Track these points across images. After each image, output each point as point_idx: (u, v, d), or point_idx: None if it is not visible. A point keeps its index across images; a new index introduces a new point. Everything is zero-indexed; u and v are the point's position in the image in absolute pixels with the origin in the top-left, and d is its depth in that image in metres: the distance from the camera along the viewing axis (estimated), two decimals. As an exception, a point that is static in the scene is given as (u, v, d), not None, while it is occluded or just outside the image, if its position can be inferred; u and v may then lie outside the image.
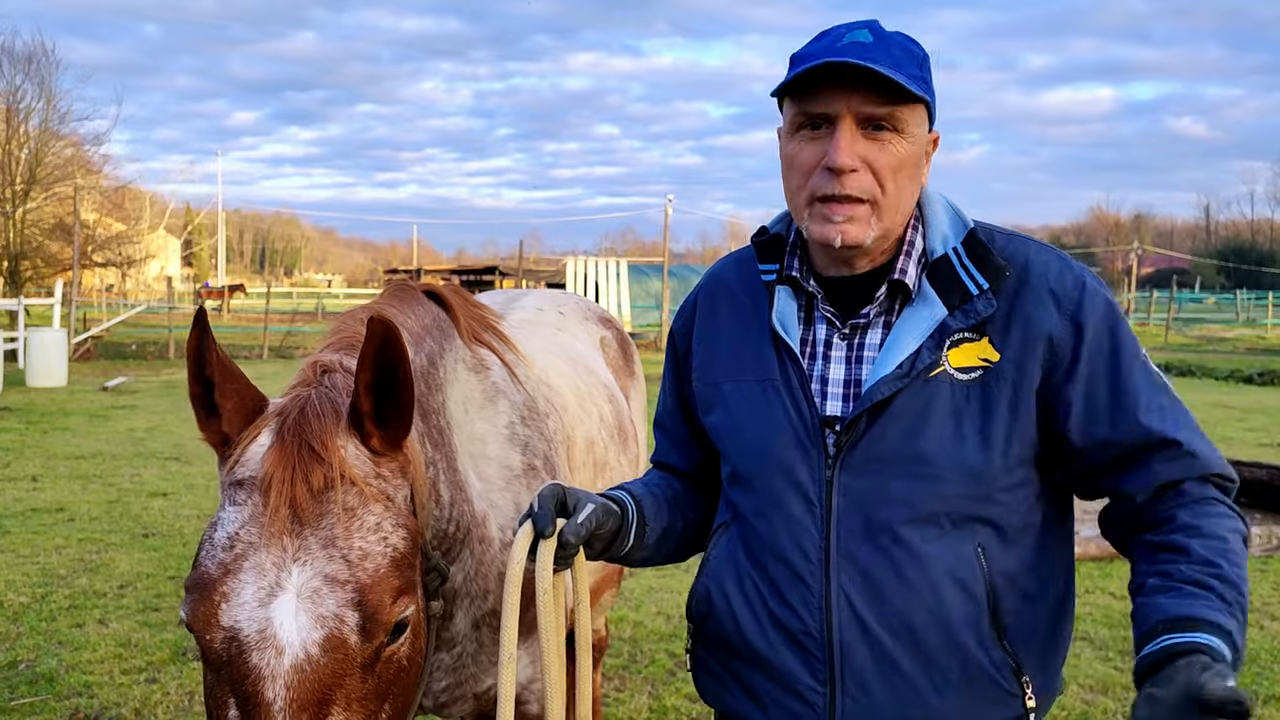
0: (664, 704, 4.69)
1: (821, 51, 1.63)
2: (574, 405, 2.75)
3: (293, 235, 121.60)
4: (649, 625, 5.74)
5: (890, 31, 1.68)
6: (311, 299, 58.16)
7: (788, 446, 1.71)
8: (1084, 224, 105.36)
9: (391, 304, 2.14)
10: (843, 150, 1.61)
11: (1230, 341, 32.79)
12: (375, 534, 1.54)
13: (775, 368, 1.75)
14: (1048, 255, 1.74)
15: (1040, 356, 1.65)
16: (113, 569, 6.65)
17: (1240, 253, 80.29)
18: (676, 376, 1.99)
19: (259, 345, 25.93)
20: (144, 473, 9.91)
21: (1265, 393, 18.63)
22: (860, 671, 1.66)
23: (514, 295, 3.54)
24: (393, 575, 1.53)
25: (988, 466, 1.63)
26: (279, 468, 1.51)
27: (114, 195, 38.31)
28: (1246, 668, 5.14)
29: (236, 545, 1.49)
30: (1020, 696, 1.67)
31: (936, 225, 1.75)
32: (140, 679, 4.87)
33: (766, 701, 1.75)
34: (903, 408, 1.64)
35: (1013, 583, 1.67)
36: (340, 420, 1.60)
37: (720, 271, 1.96)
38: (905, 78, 1.59)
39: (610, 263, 36.80)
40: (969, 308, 1.66)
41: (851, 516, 1.66)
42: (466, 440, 2.19)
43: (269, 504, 1.49)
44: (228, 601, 1.46)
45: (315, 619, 1.45)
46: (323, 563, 1.48)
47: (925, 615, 1.64)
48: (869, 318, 1.73)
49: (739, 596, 1.77)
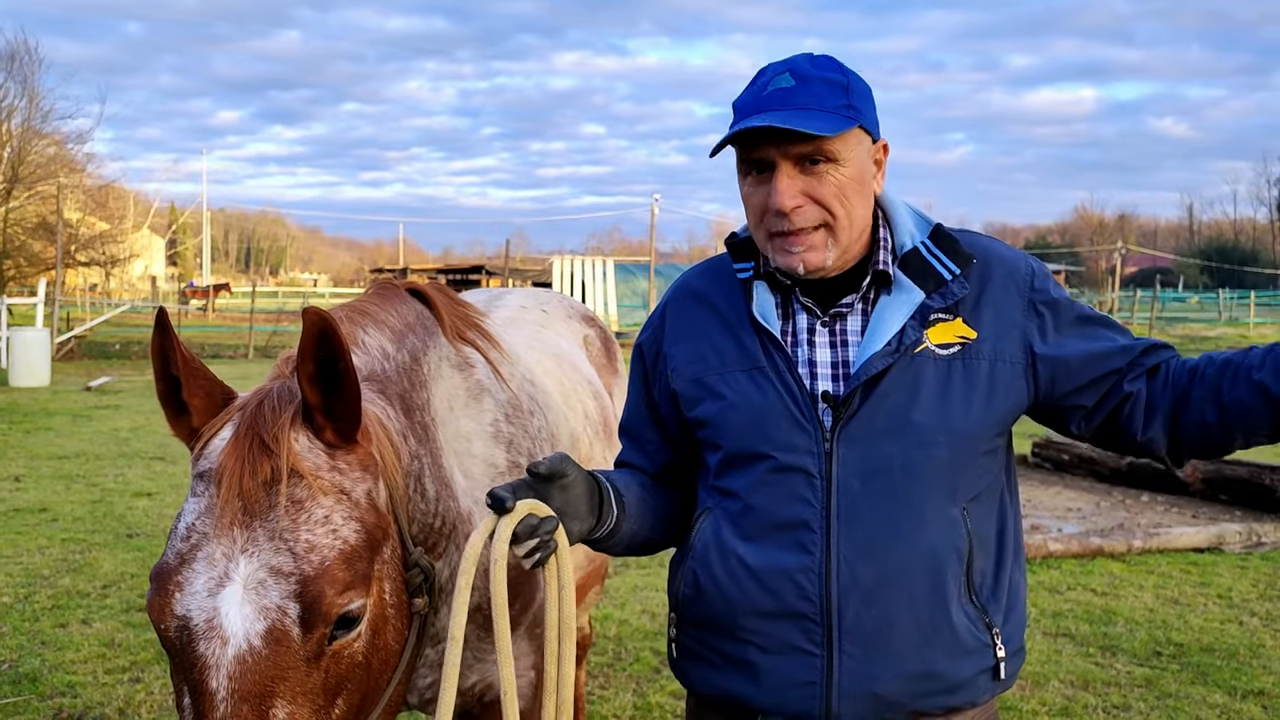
0: (648, 701, 4.71)
1: (752, 102, 1.78)
2: (558, 402, 2.77)
3: (278, 234, 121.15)
4: (634, 623, 5.76)
5: (811, 70, 1.79)
6: (297, 298, 57.99)
7: (783, 424, 1.80)
8: (1069, 224, 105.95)
9: (374, 302, 2.15)
10: (782, 193, 1.76)
11: (1213, 341, 33.00)
12: (324, 526, 1.55)
13: (760, 356, 1.85)
14: (999, 246, 1.94)
15: (1017, 338, 1.83)
16: (96, 569, 6.63)
17: (1223, 252, 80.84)
18: (645, 385, 2.05)
19: (244, 345, 25.84)
20: (128, 472, 9.88)
21: (1247, 391, 18.78)
22: (857, 631, 1.76)
23: (497, 294, 3.56)
24: (340, 568, 1.54)
25: (972, 432, 1.79)
26: (232, 459, 1.53)
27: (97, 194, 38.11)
28: (1227, 662, 5.20)
29: (192, 536, 1.51)
30: (992, 647, 1.82)
31: (902, 223, 1.90)
32: (124, 679, 4.87)
33: (761, 672, 1.81)
34: (893, 382, 1.78)
35: (982, 541, 1.83)
36: (295, 413, 1.61)
37: (687, 282, 2.05)
38: (825, 118, 1.73)
39: (597, 262, 36.81)
40: (945, 290, 1.82)
41: (851, 484, 1.77)
42: (451, 438, 2.20)
43: (221, 495, 1.51)
44: (181, 591, 1.48)
45: (259, 610, 1.47)
46: (269, 554, 1.49)
47: (920, 574, 1.77)
48: (851, 306, 1.86)
49: (725, 574, 1.83)
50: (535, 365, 2.77)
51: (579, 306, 3.76)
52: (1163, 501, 9.09)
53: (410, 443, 1.91)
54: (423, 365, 2.13)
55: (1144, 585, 6.56)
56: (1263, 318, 44.62)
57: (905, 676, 1.77)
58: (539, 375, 2.73)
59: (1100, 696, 4.79)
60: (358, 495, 1.64)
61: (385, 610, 1.68)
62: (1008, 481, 1.91)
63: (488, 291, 3.58)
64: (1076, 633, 5.66)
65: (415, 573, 1.82)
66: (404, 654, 1.78)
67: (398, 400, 1.95)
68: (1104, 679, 5.00)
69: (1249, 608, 6.14)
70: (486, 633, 2.29)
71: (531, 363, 2.75)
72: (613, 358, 3.67)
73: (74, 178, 33.79)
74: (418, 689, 2.26)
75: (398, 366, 2.03)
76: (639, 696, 4.78)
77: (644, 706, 4.66)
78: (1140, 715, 4.61)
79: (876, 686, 1.76)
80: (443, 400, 2.19)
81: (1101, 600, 6.23)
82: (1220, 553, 7.32)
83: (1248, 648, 5.44)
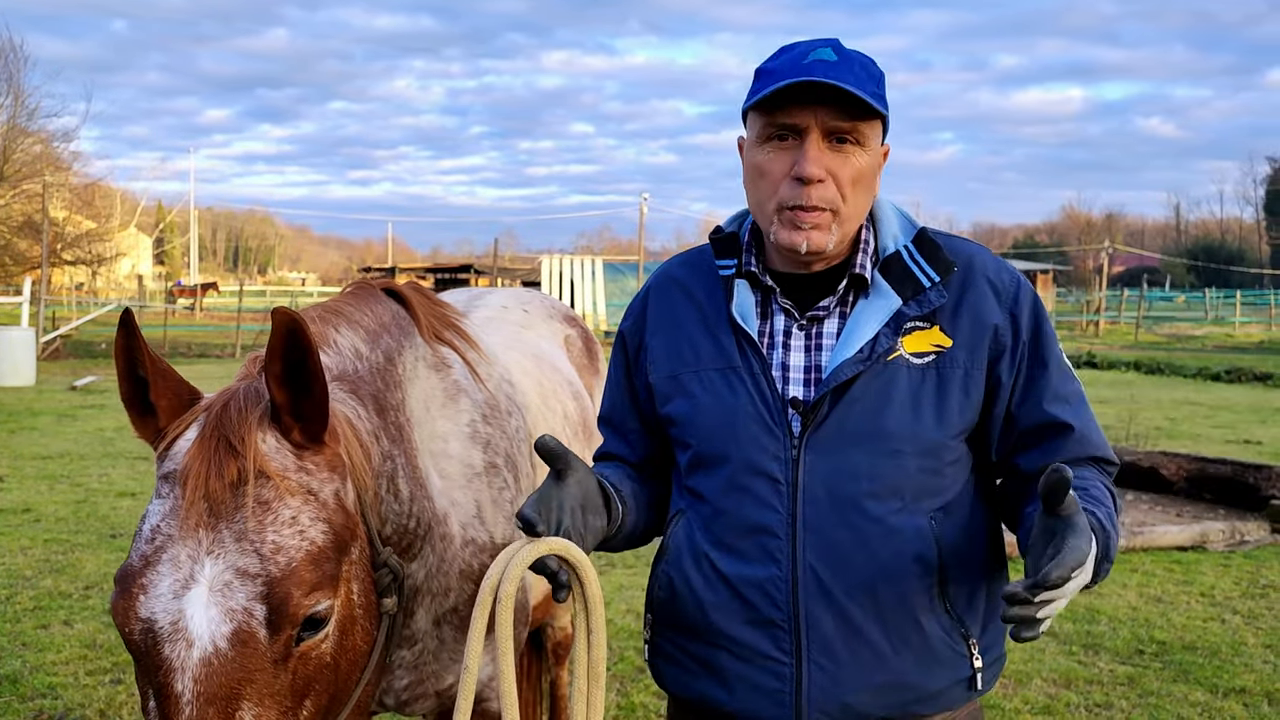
0: (631, 701, 4.71)
1: (788, 67, 1.74)
2: (536, 403, 2.76)
3: (266, 233, 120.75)
4: (618, 623, 5.76)
5: (850, 50, 1.78)
6: (285, 298, 57.80)
7: (752, 428, 1.79)
8: (1057, 223, 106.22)
9: (348, 302, 2.13)
10: (812, 160, 1.73)
11: (1199, 339, 33.19)
12: (291, 527, 1.54)
13: (736, 356, 1.83)
14: (986, 255, 1.90)
15: (987, 344, 1.81)
16: (79, 570, 6.60)
17: (1209, 252, 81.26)
18: (627, 374, 2.03)
19: (231, 344, 25.76)
20: (112, 473, 9.83)
21: (1232, 390, 18.87)
22: (826, 640, 1.75)
23: (478, 293, 3.55)
24: (307, 569, 1.53)
25: (941, 442, 1.78)
26: (197, 461, 1.52)
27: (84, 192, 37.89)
28: (1208, 660, 5.23)
29: (157, 538, 1.50)
30: (968, 658, 1.80)
31: (887, 226, 1.88)
32: (105, 680, 4.84)
33: (731, 678, 1.81)
34: (864, 389, 1.76)
35: (955, 551, 1.80)
36: (261, 414, 1.60)
37: (669, 271, 2.03)
38: (869, 95, 1.72)
39: (586, 261, 36.81)
40: (922, 298, 1.80)
41: (817, 492, 1.75)
42: (428, 438, 2.19)
43: (186, 497, 1.50)
44: (145, 593, 1.47)
45: (224, 612, 1.46)
46: (235, 555, 1.48)
47: (887, 583, 1.75)
48: (828, 309, 1.84)
49: (699, 578, 1.83)
50: (514, 365, 2.77)
51: (560, 306, 3.76)
52: (1147, 500, 9.13)
53: (382, 443, 1.91)
54: (398, 365, 2.12)
55: (1127, 584, 6.58)
56: (1248, 317, 44.85)
57: (875, 687, 1.75)
58: (517, 375, 2.72)
59: (1082, 695, 4.80)
60: (325, 496, 1.63)
61: (353, 611, 1.67)
62: (980, 485, 1.88)
63: (469, 291, 3.57)
64: (1059, 631, 5.68)
65: (384, 573, 1.82)
66: (373, 654, 1.77)
67: (370, 400, 1.94)
68: (1086, 677, 5.02)
69: (1231, 606, 6.17)
70: (463, 634, 2.28)
71: (510, 363, 2.74)
72: (594, 358, 3.67)
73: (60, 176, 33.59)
74: (394, 690, 2.25)
75: (371, 366, 2.01)
76: (622, 696, 4.78)
77: (627, 706, 4.66)
78: (1122, 713, 4.63)
79: (846, 696, 1.75)
80: (419, 401, 2.18)
81: (1085, 598, 6.25)
82: (1204, 551, 7.35)
83: (1229, 646, 5.47)
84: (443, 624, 2.23)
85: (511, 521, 2.37)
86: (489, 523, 2.31)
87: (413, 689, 2.27)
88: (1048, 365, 1.83)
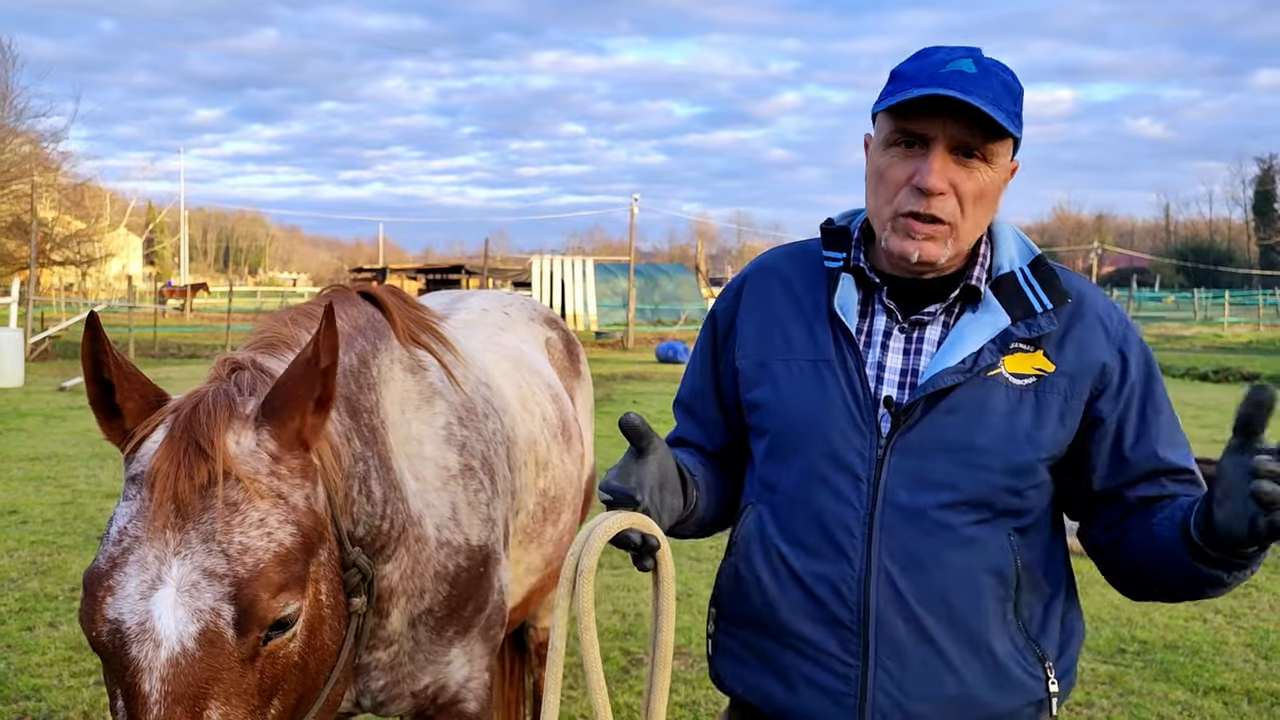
0: (616, 702, 4.72)
1: (925, 74, 1.72)
2: (515, 405, 2.77)
3: (257, 234, 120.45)
4: (604, 623, 5.77)
5: (990, 61, 1.75)
6: (276, 298, 57.69)
7: (840, 423, 1.77)
8: (1048, 224, 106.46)
9: (322, 305, 2.15)
10: (935, 173, 1.71)
11: (1188, 340, 33.32)
12: (259, 529, 1.55)
13: (831, 349, 1.82)
14: (1097, 292, 1.90)
15: (1092, 379, 1.79)
16: (65, 571, 6.59)
17: (1199, 252, 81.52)
18: (713, 356, 2.01)
19: (222, 345, 25.68)
20: (100, 474, 9.81)
21: (1220, 390, 18.97)
22: (895, 645, 1.72)
23: (460, 295, 3.56)
24: (275, 571, 1.54)
25: (1030, 464, 1.75)
26: (165, 462, 1.53)
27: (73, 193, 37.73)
28: (1190, 659, 5.26)
29: (124, 539, 1.51)
30: (1044, 681, 1.77)
31: (1005, 246, 1.87)
32: (90, 682, 4.84)
33: (794, 678, 1.78)
34: (961, 400, 1.74)
35: (1030, 571, 1.78)
36: (232, 416, 1.62)
37: (770, 260, 2.01)
38: (1004, 115, 1.69)
39: (576, 261, 36.81)
40: (1032, 321, 1.78)
41: (899, 495, 1.73)
42: (403, 440, 2.20)
43: (154, 498, 1.51)
44: (112, 595, 1.48)
45: (192, 612, 1.47)
46: (202, 556, 1.50)
47: (961, 594, 1.73)
48: (933, 315, 1.82)
49: (768, 572, 1.81)
50: (492, 368, 2.78)
51: (542, 309, 3.77)
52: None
53: (354, 445, 1.92)
54: (371, 368, 2.13)
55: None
56: (1237, 317, 45.06)
57: (942, 700, 1.72)
58: (496, 378, 2.73)
59: (1085, 692, 4.82)
60: (295, 499, 1.64)
61: (321, 611, 1.68)
62: (1055, 509, 1.87)
63: (451, 294, 3.58)
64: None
65: (353, 573, 1.83)
66: (341, 654, 1.79)
67: (343, 403, 1.96)
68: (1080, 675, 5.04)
69: (1212, 605, 6.20)
70: (438, 635, 2.30)
71: (488, 365, 2.75)
72: (575, 360, 3.68)
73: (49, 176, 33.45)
74: (370, 691, 2.27)
75: (344, 369, 2.03)
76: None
77: (612, 707, 4.67)
78: (1103, 712, 4.66)
79: (911, 705, 1.72)
80: (394, 403, 2.19)
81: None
82: (1187, 551, 7.39)
83: (1210, 645, 5.51)
84: (418, 625, 2.24)
85: (487, 524, 2.39)
86: (464, 525, 2.32)
87: (389, 690, 2.29)
88: (1161, 410, 1.83)
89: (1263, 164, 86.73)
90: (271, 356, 1.88)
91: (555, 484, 2.92)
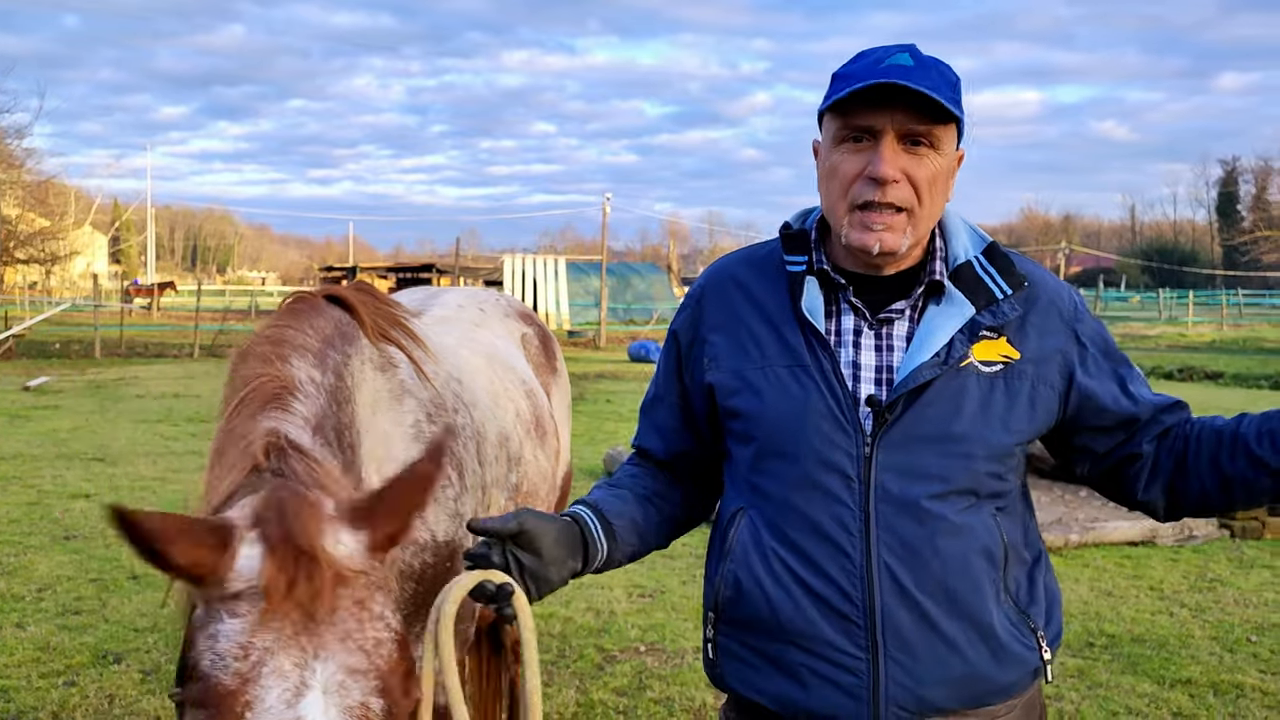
0: (591, 698, 4.73)
1: (864, 72, 1.77)
2: (486, 400, 2.76)
3: (225, 232, 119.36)
4: (578, 621, 5.78)
5: (926, 56, 1.81)
6: (245, 297, 57.18)
7: (824, 425, 1.80)
8: (1016, 224, 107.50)
9: (288, 323, 2.10)
10: (887, 161, 1.75)
11: (1153, 339, 33.73)
12: (381, 622, 1.56)
13: (805, 354, 1.85)
14: (1045, 274, 1.97)
15: (1057, 364, 1.87)
16: (31, 572, 6.51)
17: (1163, 253, 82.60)
18: (677, 372, 2.03)
19: (189, 344, 25.45)
20: (66, 474, 9.70)
21: (1185, 388, 19.21)
22: (902, 635, 1.77)
23: (435, 292, 3.55)
24: (402, 658, 1.56)
25: (1007, 448, 1.83)
26: (278, 573, 1.50)
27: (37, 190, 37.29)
28: (1156, 652, 5.34)
29: (251, 654, 1.47)
30: (1038, 650, 1.85)
31: (957, 236, 1.91)
32: (58, 682, 4.79)
33: (806, 676, 1.81)
34: (938, 392, 1.80)
35: (1014, 547, 1.86)
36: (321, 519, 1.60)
37: (726, 268, 2.03)
38: (944, 99, 1.75)
39: (549, 260, 36.72)
40: (996, 309, 1.84)
41: (890, 490, 1.78)
42: (373, 443, 2.16)
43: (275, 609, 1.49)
44: (251, 710, 1.45)
45: (343, 710, 1.47)
46: (343, 656, 1.50)
47: (960, 579, 1.79)
48: (900, 312, 1.86)
49: (769, 577, 1.83)
50: (464, 363, 2.76)
51: (518, 305, 3.76)
52: (1100, 496, 9.26)
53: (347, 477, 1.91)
54: (346, 378, 2.10)
55: (1080, 578, 6.70)
56: (1200, 317, 45.69)
57: (951, 681, 1.78)
58: (467, 374, 2.72)
59: (1053, 684, 4.88)
60: (391, 585, 1.66)
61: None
62: (1024, 485, 1.95)
63: (425, 290, 3.57)
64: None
65: None
66: None
67: (334, 436, 1.94)
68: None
69: (1179, 599, 6.30)
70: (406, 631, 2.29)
71: (460, 361, 2.74)
72: (551, 356, 3.68)
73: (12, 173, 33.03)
74: None
75: (327, 392, 2.01)
76: (581, 693, 4.80)
77: (586, 704, 4.69)
78: (1072, 704, 4.71)
79: (922, 690, 1.77)
80: (366, 404, 2.16)
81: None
82: (1153, 546, 7.50)
83: (1177, 638, 5.59)
84: None
85: (454, 519, 2.37)
86: (430, 521, 2.31)
87: None
88: (1131, 364, 1.93)
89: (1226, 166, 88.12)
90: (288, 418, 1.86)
91: (528, 479, 2.92)
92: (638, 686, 4.87)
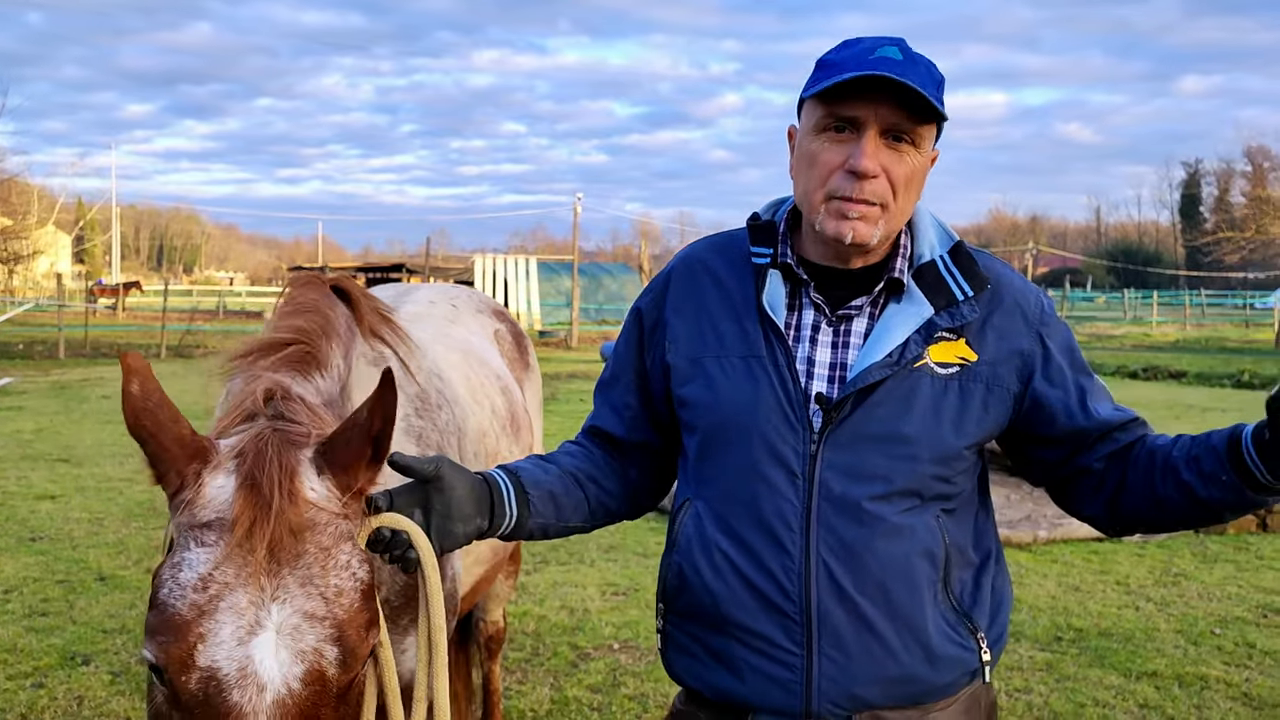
0: (565, 695, 4.73)
1: (853, 61, 1.75)
2: (464, 396, 2.77)
3: (192, 232, 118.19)
4: (552, 619, 5.78)
5: (915, 52, 1.79)
6: (212, 298, 56.64)
7: (772, 419, 1.80)
8: (984, 225, 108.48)
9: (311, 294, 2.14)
10: (868, 156, 1.74)
11: (1118, 339, 34.14)
12: (346, 571, 1.56)
13: (761, 346, 1.84)
14: (1013, 275, 1.94)
15: (1015, 366, 1.85)
16: (-4, 574, 6.43)
17: (1128, 254, 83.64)
18: (638, 351, 2.02)
19: (156, 345, 25.18)
20: (31, 475, 9.57)
21: (1150, 387, 19.46)
22: (837, 633, 1.77)
23: (407, 289, 3.55)
24: (364, 609, 1.57)
25: (956, 450, 1.81)
26: (249, 510, 1.51)
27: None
28: (1123, 646, 5.41)
29: (210, 586, 1.49)
30: (977, 652, 1.84)
31: (924, 234, 1.90)
32: (26, 684, 4.74)
33: (743, 669, 1.82)
34: (888, 392, 1.78)
35: (959, 550, 1.85)
36: (299, 463, 1.61)
37: (696, 254, 2.01)
38: (931, 97, 1.74)
39: (520, 260, 36.67)
40: (955, 311, 1.82)
41: (833, 489, 1.77)
42: None
43: (241, 545, 1.50)
44: (204, 642, 1.46)
45: (295, 654, 1.48)
46: (301, 600, 1.50)
47: (898, 581, 1.77)
48: (859, 309, 1.85)
49: (710, 569, 1.83)
50: (442, 360, 2.78)
51: (490, 301, 3.77)
52: (1067, 493, 9.38)
53: None
54: (351, 372, 2.12)
55: (1048, 574, 6.78)
56: (1164, 317, 46.34)
57: (884, 680, 1.78)
58: (446, 370, 2.73)
59: (1003, 680, 4.94)
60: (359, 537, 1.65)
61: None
62: (981, 491, 1.94)
63: (397, 286, 3.57)
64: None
65: None
66: None
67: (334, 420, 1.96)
68: (1007, 663, 5.16)
69: (1145, 594, 6.39)
70: (394, 624, 2.29)
71: (438, 357, 2.75)
72: (524, 352, 3.68)
73: (-26, 172, 32.51)
74: None
75: (340, 379, 2.03)
76: (556, 691, 4.80)
77: (561, 701, 4.69)
78: (1041, 697, 4.77)
79: (855, 688, 1.78)
80: (360, 400, 2.19)
81: (1018, 590, 6.42)
82: (1120, 542, 7.59)
83: (1143, 631, 5.67)
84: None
85: None
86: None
87: None
88: (1092, 375, 1.91)
89: (1188, 168, 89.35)
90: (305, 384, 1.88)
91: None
92: (612, 683, 4.88)
